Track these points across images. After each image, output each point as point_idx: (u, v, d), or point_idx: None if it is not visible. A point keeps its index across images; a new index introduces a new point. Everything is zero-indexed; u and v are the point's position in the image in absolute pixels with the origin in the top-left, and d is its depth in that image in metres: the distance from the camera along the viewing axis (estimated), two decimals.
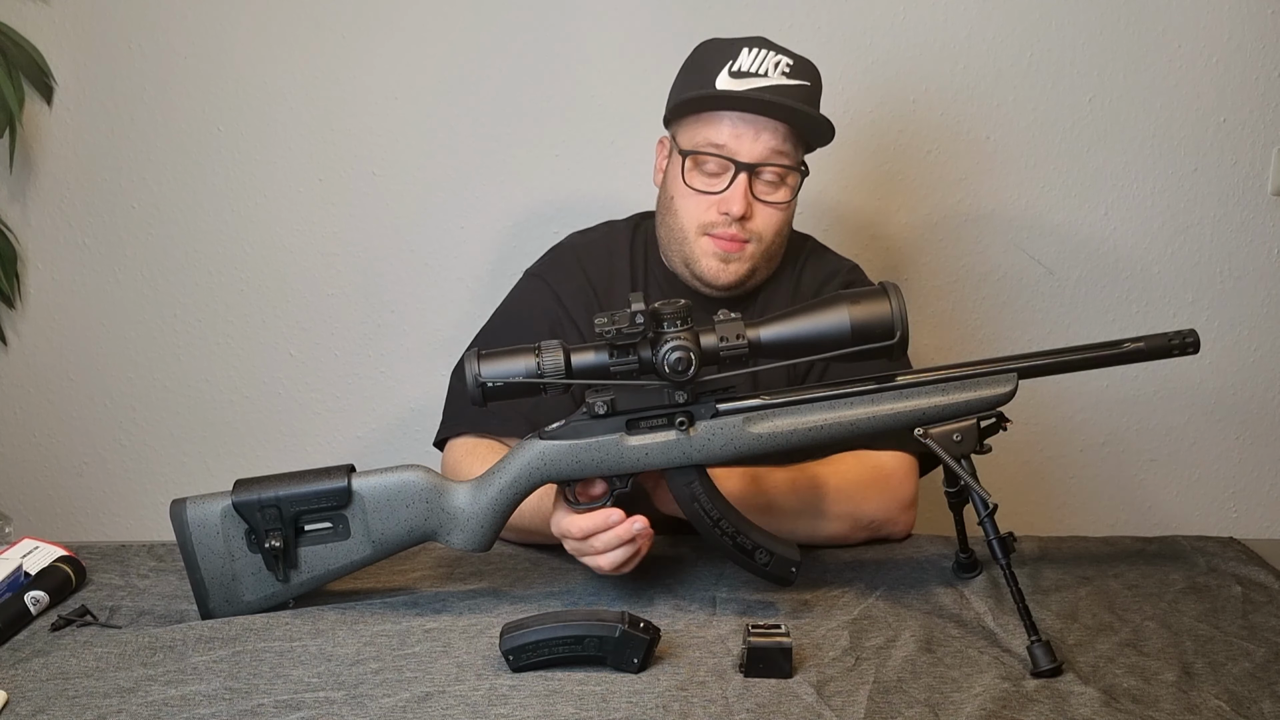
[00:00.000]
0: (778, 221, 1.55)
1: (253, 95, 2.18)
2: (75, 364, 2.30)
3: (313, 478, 1.32)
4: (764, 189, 1.54)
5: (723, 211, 1.52)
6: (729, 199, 1.51)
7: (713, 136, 1.53)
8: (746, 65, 1.52)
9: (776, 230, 1.56)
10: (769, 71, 1.52)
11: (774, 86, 1.51)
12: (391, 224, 2.20)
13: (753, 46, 1.54)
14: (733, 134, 1.52)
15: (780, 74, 1.52)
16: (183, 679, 1.17)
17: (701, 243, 1.55)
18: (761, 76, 1.51)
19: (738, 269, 1.55)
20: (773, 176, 1.53)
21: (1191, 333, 1.27)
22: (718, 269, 1.55)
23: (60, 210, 2.24)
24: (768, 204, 1.53)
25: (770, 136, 1.51)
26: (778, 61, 1.53)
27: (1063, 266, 2.20)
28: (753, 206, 1.52)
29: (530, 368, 1.25)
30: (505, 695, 1.12)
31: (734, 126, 1.52)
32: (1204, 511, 2.28)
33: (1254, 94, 2.12)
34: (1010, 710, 1.08)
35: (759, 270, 1.58)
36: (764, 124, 1.51)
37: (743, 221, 1.52)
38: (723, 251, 1.54)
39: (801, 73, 1.54)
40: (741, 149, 1.51)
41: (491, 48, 2.13)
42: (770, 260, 1.59)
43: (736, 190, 1.51)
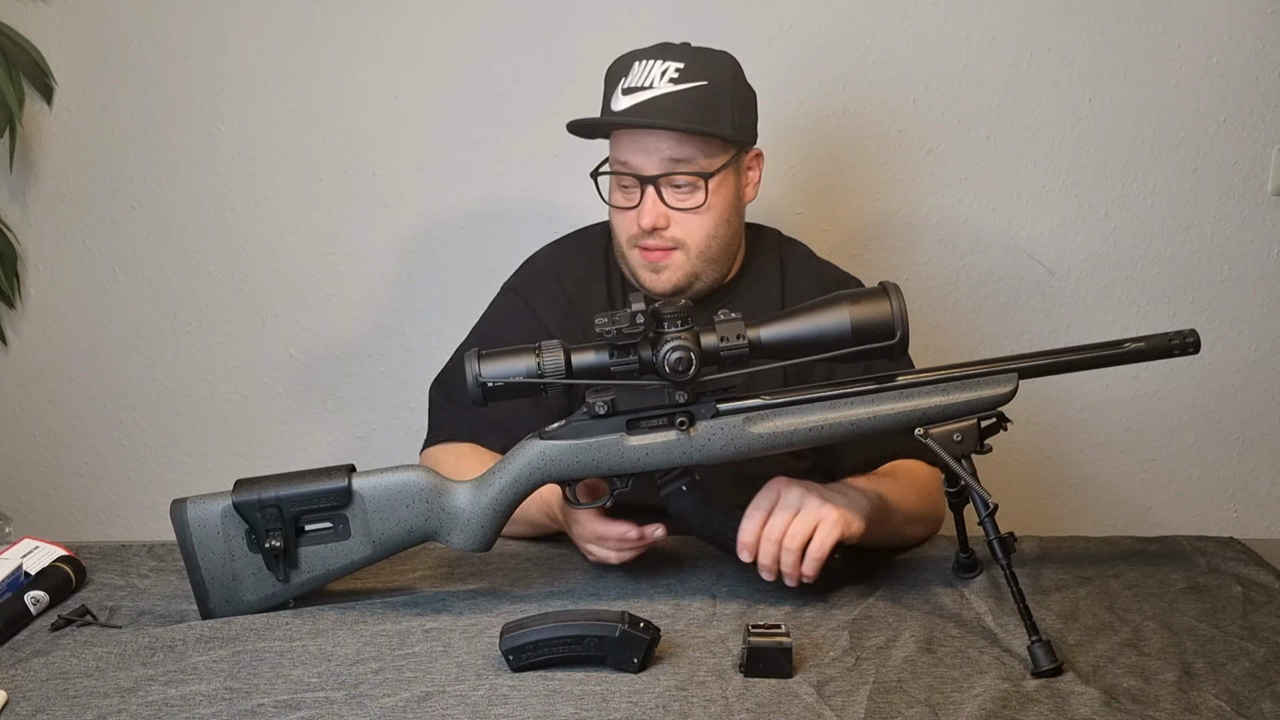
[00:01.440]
0: (701, 225, 1.54)
1: (253, 95, 2.18)
2: (75, 364, 2.30)
3: (313, 478, 1.32)
4: (677, 196, 1.53)
5: (638, 224, 1.53)
6: (641, 212, 1.53)
7: (618, 154, 1.56)
8: (635, 80, 1.53)
9: (705, 233, 1.55)
10: (654, 82, 1.52)
11: (657, 98, 1.50)
12: (391, 224, 2.20)
13: (645, 58, 1.54)
14: (631, 150, 1.53)
15: (667, 82, 1.51)
16: (183, 679, 1.17)
17: (633, 255, 1.57)
18: (647, 90, 1.51)
19: (670, 277, 1.55)
20: (683, 182, 1.52)
21: (1191, 333, 1.27)
22: (651, 279, 1.56)
23: (60, 210, 2.24)
24: (682, 210, 1.53)
25: (665, 146, 1.51)
26: (664, 70, 1.52)
27: (1063, 266, 2.20)
28: (667, 216, 1.53)
29: (530, 367, 1.25)
30: (505, 695, 1.12)
31: (631, 143, 1.54)
32: (1204, 511, 2.28)
33: (1254, 94, 2.12)
34: (1010, 710, 1.08)
35: (701, 274, 1.57)
36: (657, 136, 1.51)
37: (659, 232, 1.53)
38: (650, 262, 1.55)
39: (695, 73, 1.52)
40: (642, 163, 1.53)
41: (492, 48, 2.13)
42: (713, 263, 1.57)
43: (645, 203, 1.52)
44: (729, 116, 1.54)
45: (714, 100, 1.53)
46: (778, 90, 2.14)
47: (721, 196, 1.55)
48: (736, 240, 1.61)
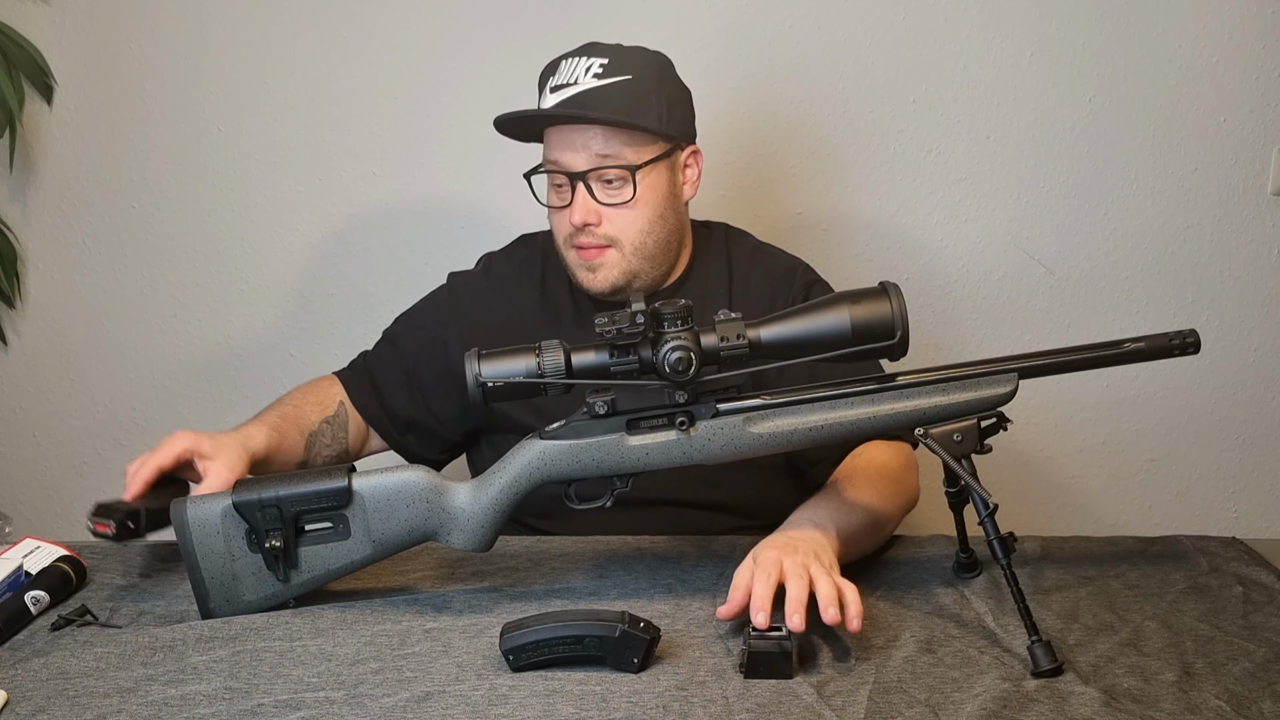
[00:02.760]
0: (633, 221, 1.55)
1: (253, 95, 2.18)
2: (75, 364, 2.31)
3: (313, 477, 1.32)
4: (607, 192, 1.54)
5: (570, 222, 1.55)
6: (571, 210, 1.55)
7: (548, 153, 1.58)
8: (562, 77, 1.55)
9: (639, 229, 1.56)
10: (579, 78, 1.54)
11: (581, 93, 1.52)
12: (391, 224, 2.20)
13: (574, 56, 1.57)
14: (560, 147, 1.55)
15: (592, 77, 1.53)
16: (183, 679, 1.17)
17: (570, 255, 1.59)
18: (572, 86, 1.53)
19: (607, 275, 1.56)
20: (613, 177, 1.54)
21: (1192, 333, 1.27)
22: (588, 278, 1.58)
23: (60, 210, 2.24)
24: (613, 206, 1.54)
25: (591, 141, 1.53)
26: (589, 65, 1.54)
27: (1063, 266, 2.20)
28: (599, 212, 1.54)
29: (530, 367, 1.25)
30: (505, 695, 1.12)
31: (560, 140, 1.55)
32: (1204, 511, 2.28)
33: (1254, 94, 2.13)
34: (1010, 710, 1.08)
35: (639, 272, 1.58)
36: (581, 130, 1.53)
37: (591, 228, 1.54)
38: (586, 260, 1.57)
39: (619, 68, 1.54)
40: (570, 160, 1.54)
41: (492, 47, 2.14)
42: (650, 260, 1.58)
43: (576, 200, 1.54)
44: (655, 110, 1.55)
45: (638, 94, 1.54)
46: (778, 90, 2.14)
47: (654, 191, 1.56)
48: (676, 238, 1.62)
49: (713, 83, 2.13)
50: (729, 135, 2.15)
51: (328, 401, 1.66)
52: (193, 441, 1.41)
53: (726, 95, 2.14)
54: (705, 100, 2.12)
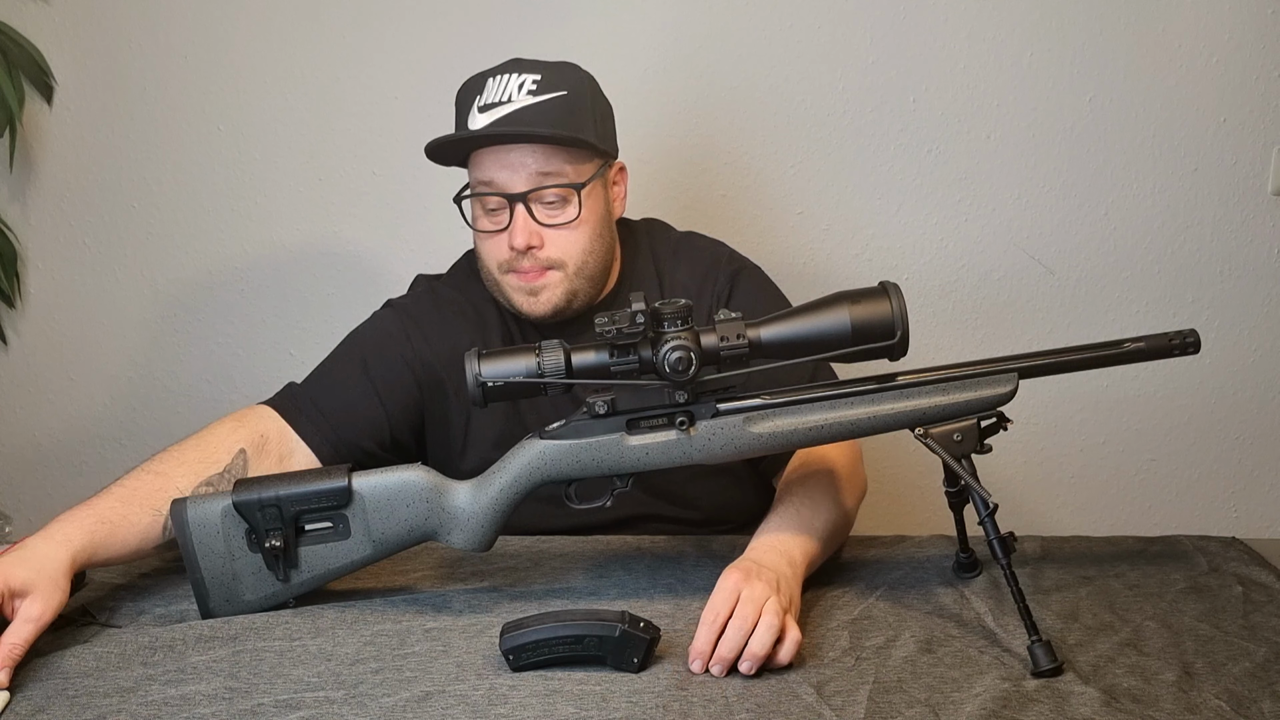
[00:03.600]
0: (575, 240, 1.49)
1: (253, 94, 2.18)
2: (75, 364, 2.30)
3: (313, 477, 1.32)
4: (548, 213, 1.48)
5: (511, 246, 1.48)
6: (512, 232, 1.47)
7: (480, 175, 1.50)
8: (491, 96, 1.48)
9: (581, 249, 1.50)
10: (512, 96, 1.47)
11: (518, 110, 1.46)
12: (391, 224, 2.21)
13: (500, 73, 1.50)
14: (496, 168, 1.48)
15: (526, 94, 1.47)
16: (183, 679, 1.17)
17: (507, 280, 1.52)
18: (505, 104, 1.46)
19: (550, 298, 1.50)
20: (553, 197, 1.48)
21: (1192, 333, 1.27)
22: (528, 302, 1.51)
23: (60, 210, 2.24)
24: (555, 227, 1.48)
25: (531, 160, 1.46)
26: (521, 82, 1.47)
27: (1063, 266, 2.20)
28: (540, 234, 1.48)
29: (530, 367, 1.25)
30: (505, 695, 1.12)
31: (494, 160, 1.48)
32: (1204, 511, 2.28)
33: (1254, 94, 2.12)
34: (1010, 710, 1.08)
35: (579, 291, 1.52)
36: (521, 151, 1.47)
37: (533, 251, 1.48)
38: (526, 284, 1.50)
39: (552, 84, 1.48)
40: (508, 180, 1.47)
41: (492, 47, 2.13)
42: (590, 280, 1.52)
43: (516, 223, 1.47)
44: (591, 126, 1.50)
45: (575, 109, 1.49)
46: (778, 90, 2.14)
47: (593, 210, 1.51)
48: (611, 255, 1.56)
49: (713, 83, 2.13)
50: (729, 135, 2.15)
51: (216, 456, 1.42)
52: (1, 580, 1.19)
53: (726, 95, 2.14)
54: (704, 101, 2.13)
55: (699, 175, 2.14)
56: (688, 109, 2.12)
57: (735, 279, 1.61)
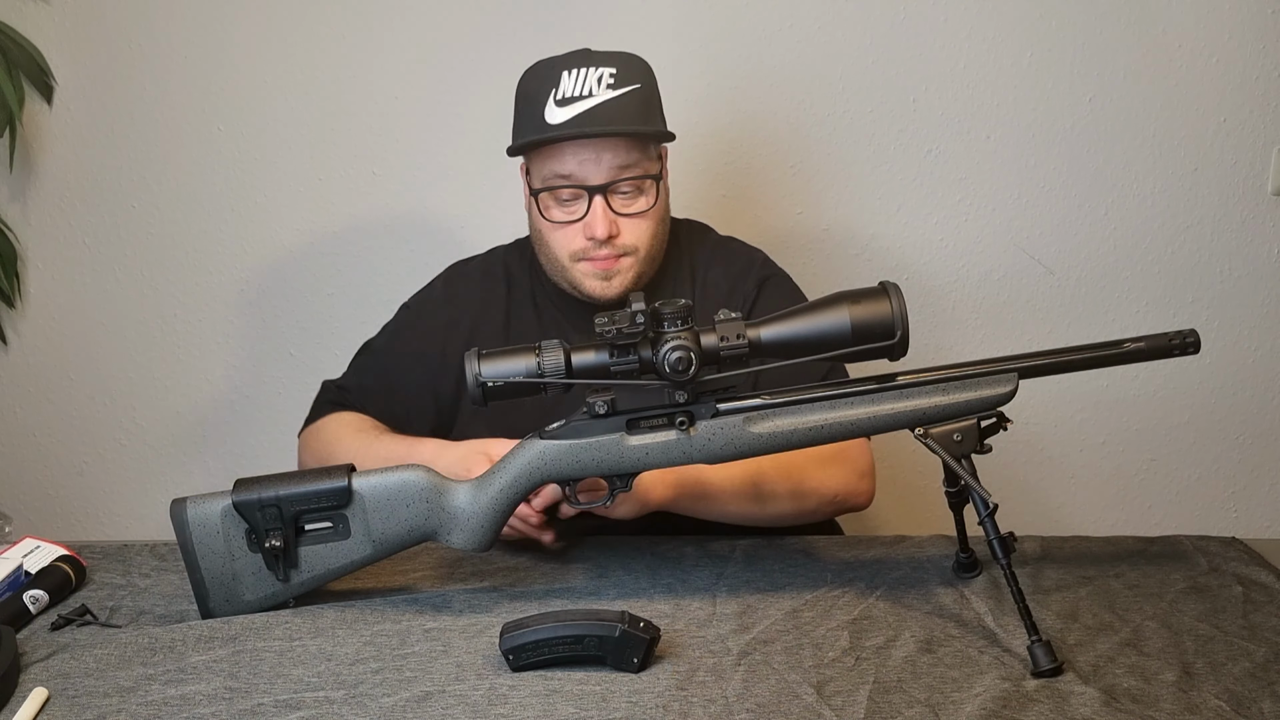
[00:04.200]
0: (647, 228, 1.56)
1: (253, 95, 2.18)
2: (75, 364, 2.31)
3: (313, 477, 1.32)
4: (623, 203, 1.54)
5: (589, 237, 1.53)
6: (591, 224, 1.52)
7: (558, 168, 1.54)
8: (570, 90, 1.51)
9: (651, 235, 1.57)
10: (593, 90, 1.50)
11: (600, 105, 1.50)
12: (391, 224, 2.20)
13: (573, 67, 1.53)
14: (575, 162, 1.52)
15: (605, 89, 1.51)
16: (183, 679, 1.17)
17: (579, 268, 1.57)
18: (587, 98, 1.50)
19: (622, 281, 1.56)
20: (628, 189, 1.53)
21: (1192, 333, 1.27)
22: (602, 287, 1.56)
23: (60, 210, 2.24)
24: (631, 216, 1.54)
25: (612, 155, 1.51)
26: (600, 76, 1.51)
27: (1063, 266, 2.20)
28: (617, 223, 1.53)
29: (530, 367, 1.25)
30: (505, 695, 1.12)
31: (575, 154, 1.52)
32: (1204, 511, 2.28)
33: (1254, 94, 2.12)
34: (1010, 710, 1.08)
35: (644, 275, 1.59)
36: (602, 144, 1.51)
37: (611, 240, 1.53)
38: (602, 271, 1.55)
39: (628, 77, 1.52)
40: (588, 173, 1.52)
41: (492, 47, 2.13)
42: (653, 261, 1.60)
43: (595, 214, 1.52)
44: (659, 116, 1.57)
45: (649, 101, 1.56)
46: (778, 90, 2.14)
47: (664, 196, 1.59)
48: (669, 235, 1.64)
49: (712, 82, 2.13)
50: (729, 135, 2.15)
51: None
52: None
53: (726, 95, 2.14)
54: (705, 100, 2.13)
55: (699, 175, 2.14)
56: (687, 109, 2.12)
57: (763, 285, 1.65)
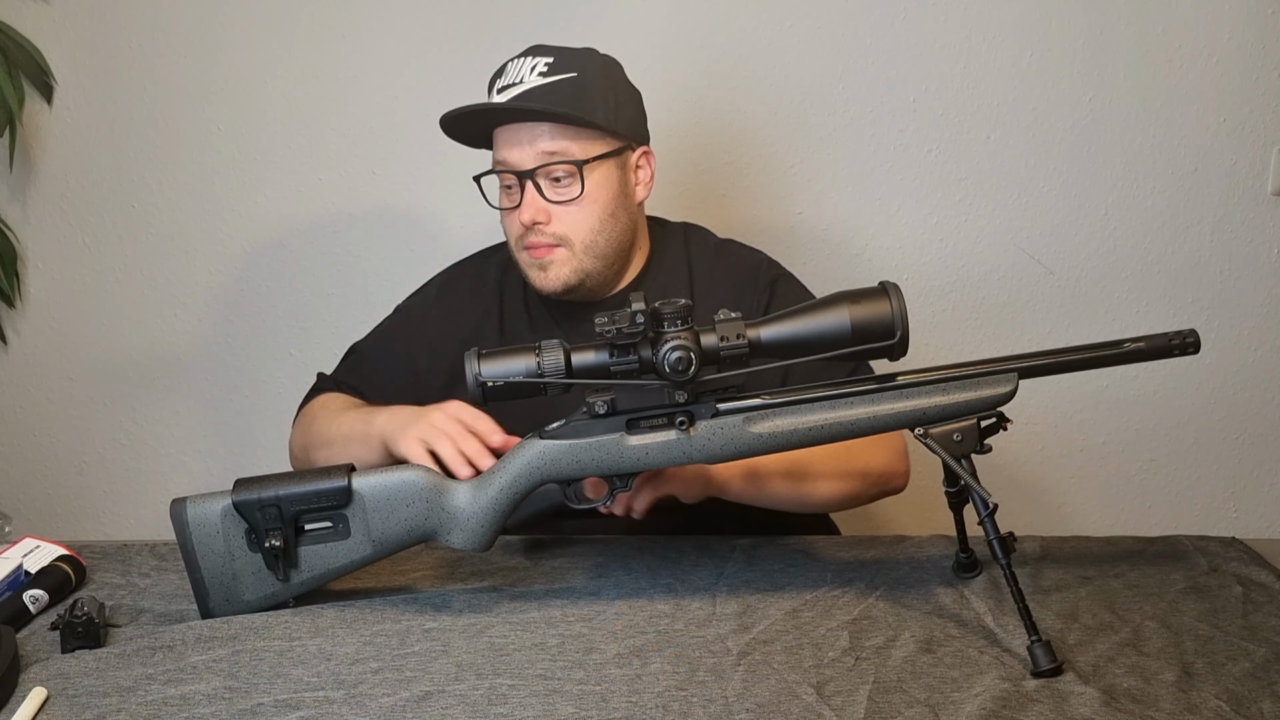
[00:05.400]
0: (583, 219, 1.54)
1: (253, 95, 2.18)
2: (75, 364, 2.31)
3: (313, 477, 1.32)
4: (556, 190, 1.54)
5: (519, 221, 1.55)
6: (520, 209, 1.54)
7: (496, 154, 1.57)
8: (508, 78, 1.55)
9: (588, 227, 1.55)
10: (524, 77, 1.53)
11: (527, 90, 1.52)
12: (391, 224, 2.21)
13: (520, 57, 1.56)
14: (507, 147, 1.55)
15: (537, 75, 1.53)
16: (182, 678, 1.17)
17: (522, 256, 1.58)
18: (517, 85, 1.53)
19: (558, 273, 1.55)
20: (561, 174, 1.53)
21: (1191, 333, 1.26)
22: (540, 277, 1.57)
23: (60, 210, 2.24)
24: (561, 204, 1.54)
25: (538, 138, 1.52)
26: (534, 65, 1.54)
27: (1063, 266, 2.20)
28: (547, 210, 1.54)
29: (530, 367, 1.25)
30: (505, 695, 1.12)
31: (506, 139, 1.55)
32: (1204, 511, 2.28)
33: (1254, 94, 2.12)
34: (1010, 710, 1.08)
35: (591, 270, 1.57)
36: (527, 128, 1.53)
37: (539, 227, 1.54)
38: (536, 260, 1.56)
39: (564, 66, 1.53)
40: (517, 158, 1.54)
41: (492, 47, 2.13)
42: (602, 259, 1.57)
43: (525, 199, 1.54)
44: (601, 107, 1.54)
45: (583, 90, 1.53)
46: (778, 90, 2.14)
47: (603, 189, 1.55)
48: (628, 237, 1.61)
49: (712, 82, 2.13)
50: (729, 135, 2.15)
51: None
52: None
53: (726, 95, 2.14)
54: (705, 100, 2.13)
55: (699, 175, 2.14)
56: (687, 109, 2.12)
57: (774, 286, 1.65)
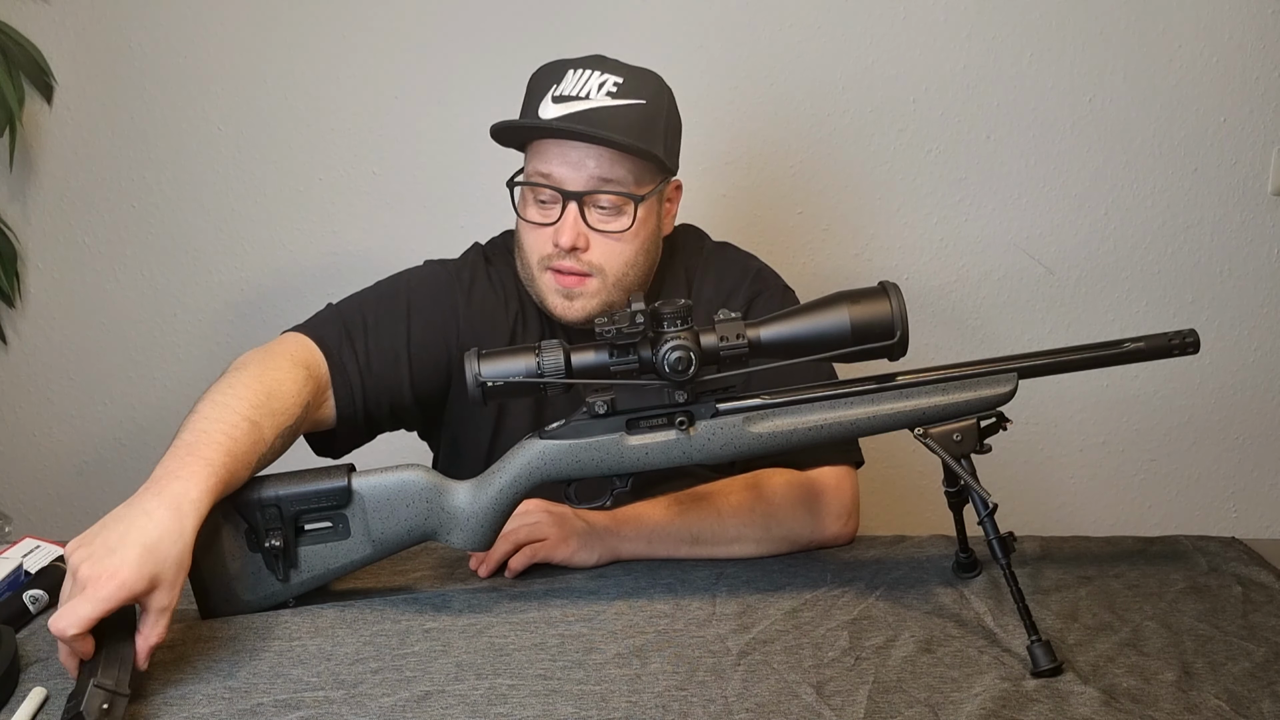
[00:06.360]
0: (621, 252, 1.47)
1: (253, 95, 2.18)
2: (75, 364, 2.31)
3: (313, 477, 1.32)
4: (600, 218, 1.46)
5: (555, 243, 1.45)
6: (559, 229, 1.45)
7: (541, 166, 1.47)
8: (569, 89, 1.45)
9: (625, 261, 1.48)
10: (591, 93, 1.44)
11: (594, 110, 1.43)
12: (391, 224, 2.21)
13: (580, 67, 1.47)
14: (559, 162, 1.45)
15: (605, 95, 1.43)
16: (182, 679, 1.17)
17: (545, 278, 1.49)
18: (582, 100, 1.43)
19: (584, 305, 1.48)
20: (608, 204, 1.45)
21: (1191, 333, 1.26)
22: (562, 306, 1.49)
23: (60, 210, 2.25)
24: (605, 233, 1.46)
25: (595, 163, 1.44)
26: (602, 82, 1.44)
27: (1063, 266, 2.20)
28: (587, 237, 1.45)
29: (530, 367, 1.25)
30: (505, 695, 1.12)
31: (560, 154, 1.45)
32: (1204, 511, 2.28)
33: (1254, 94, 2.13)
34: (1010, 710, 1.08)
35: (616, 303, 1.49)
36: (586, 150, 1.44)
37: (577, 253, 1.46)
38: (563, 288, 1.48)
39: (633, 91, 1.45)
40: (567, 177, 1.45)
41: (492, 46, 2.14)
42: (628, 291, 1.49)
43: (566, 220, 1.44)
44: (662, 140, 1.48)
45: (650, 121, 1.46)
46: (778, 90, 2.15)
47: (646, 225, 1.49)
48: (652, 271, 1.55)
49: (713, 82, 2.14)
50: (729, 135, 2.15)
51: (290, 409, 1.35)
52: (123, 591, 1.08)
53: (726, 95, 2.14)
54: (705, 100, 2.13)
55: (699, 175, 2.14)
56: (686, 109, 2.12)
57: (752, 304, 1.58)
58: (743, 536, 1.44)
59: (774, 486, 1.46)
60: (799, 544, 1.47)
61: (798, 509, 1.45)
